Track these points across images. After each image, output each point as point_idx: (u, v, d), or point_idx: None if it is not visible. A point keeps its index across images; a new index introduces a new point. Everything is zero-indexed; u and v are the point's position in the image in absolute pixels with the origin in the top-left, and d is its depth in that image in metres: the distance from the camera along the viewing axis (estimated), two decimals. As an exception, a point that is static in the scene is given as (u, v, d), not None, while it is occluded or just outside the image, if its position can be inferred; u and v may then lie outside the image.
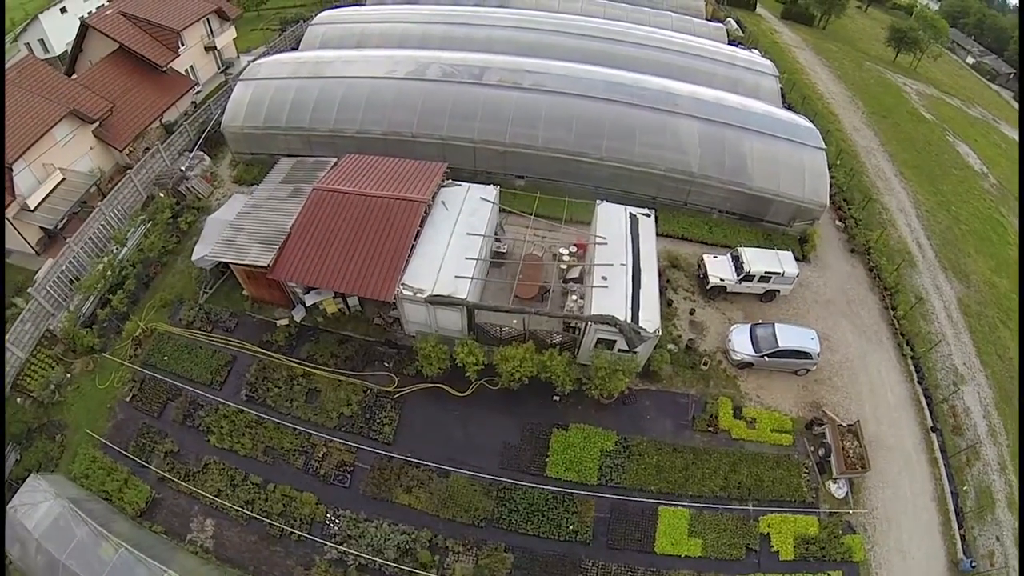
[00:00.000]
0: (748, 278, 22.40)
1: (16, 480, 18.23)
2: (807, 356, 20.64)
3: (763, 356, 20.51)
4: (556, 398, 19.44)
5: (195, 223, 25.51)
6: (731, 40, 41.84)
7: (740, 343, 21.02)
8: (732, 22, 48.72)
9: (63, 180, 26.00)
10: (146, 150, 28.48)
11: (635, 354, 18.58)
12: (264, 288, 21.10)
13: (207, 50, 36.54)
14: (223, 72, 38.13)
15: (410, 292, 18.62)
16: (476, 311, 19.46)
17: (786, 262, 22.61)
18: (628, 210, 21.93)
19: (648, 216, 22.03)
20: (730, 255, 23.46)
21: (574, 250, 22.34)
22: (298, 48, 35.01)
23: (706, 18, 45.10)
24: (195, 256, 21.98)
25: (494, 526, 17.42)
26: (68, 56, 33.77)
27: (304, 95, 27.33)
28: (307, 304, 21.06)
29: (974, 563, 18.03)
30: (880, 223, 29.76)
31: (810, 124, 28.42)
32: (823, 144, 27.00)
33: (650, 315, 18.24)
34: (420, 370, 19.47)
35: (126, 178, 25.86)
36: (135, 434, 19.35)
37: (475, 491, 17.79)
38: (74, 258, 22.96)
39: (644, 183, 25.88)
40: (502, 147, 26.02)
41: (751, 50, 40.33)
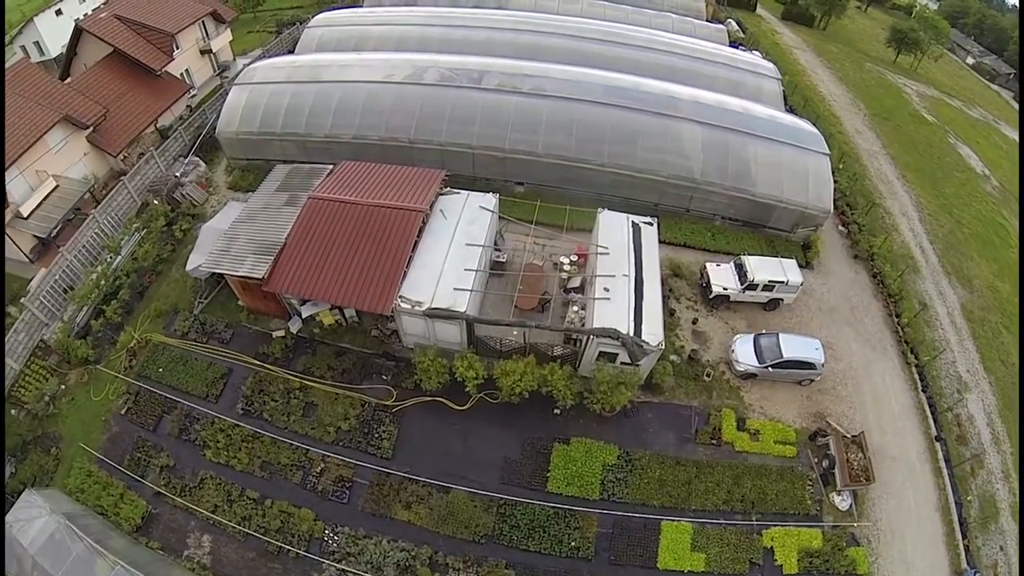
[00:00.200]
0: (752, 287, 22.14)
1: (11, 493, 17.90)
2: (811, 366, 20.41)
3: (767, 367, 20.27)
4: (556, 412, 19.19)
5: (190, 231, 25.15)
6: (732, 42, 41.45)
7: (744, 354, 20.79)
8: (733, 23, 48.31)
9: (56, 187, 25.64)
10: (140, 155, 28.10)
11: (637, 367, 18.32)
12: (260, 299, 20.80)
13: (203, 53, 36.13)
14: (219, 75, 37.69)
15: (408, 305, 18.31)
16: (476, 324, 19.15)
17: (790, 270, 22.34)
18: (630, 219, 21.58)
19: (651, 225, 21.66)
20: (733, 263, 23.15)
21: (575, 259, 22.05)
22: (294, 51, 34.59)
23: (706, 19, 44.65)
24: (190, 266, 21.68)
25: (495, 542, 17.20)
26: (63, 59, 33.33)
27: (300, 100, 26.95)
28: (303, 315, 20.75)
29: (978, 573, 17.91)
30: (883, 228, 29.54)
31: (813, 128, 28.10)
32: (827, 149, 26.72)
33: (653, 328, 17.96)
34: (419, 383, 19.19)
35: (120, 184, 25.49)
36: (130, 448, 19.09)
37: (475, 507, 17.54)
38: (68, 267, 22.61)
39: (646, 189, 25.56)
40: (501, 153, 25.67)
41: (752, 52, 39.99)
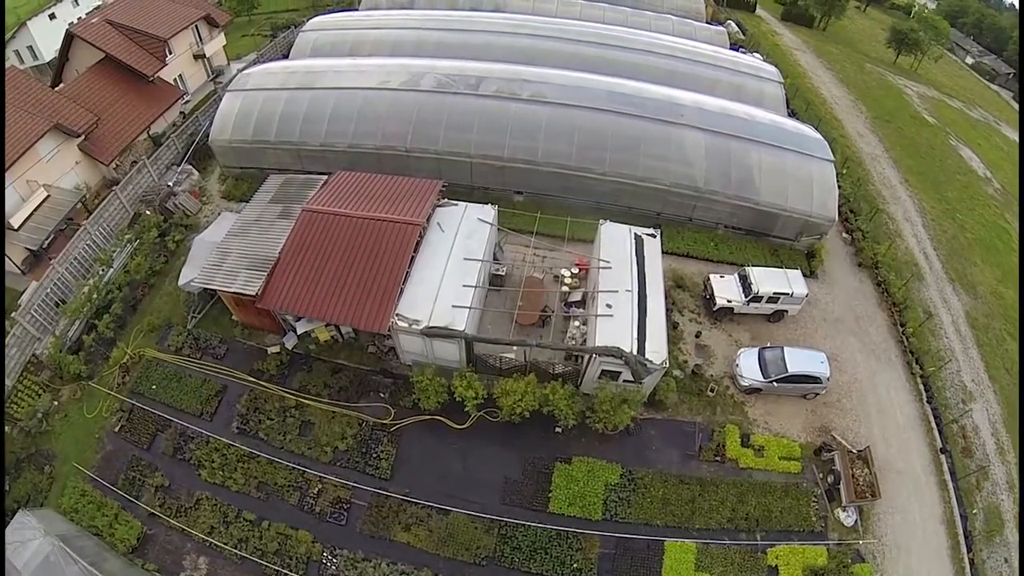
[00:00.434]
0: (756, 299, 21.76)
1: (6, 512, 17.51)
2: (817, 380, 20.08)
3: (771, 381, 19.94)
4: (558, 430, 18.82)
5: (183, 242, 24.70)
6: (733, 44, 40.95)
7: (748, 368, 20.44)
8: (733, 24, 47.82)
9: (47, 197, 25.16)
10: (133, 164, 27.63)
11: (640, 385, 17.95)
12: (254, 315, 20.38)
13: (196, 58, 35.53)
14: (213, 80, 37.12)
15: (405, 324, 17.87)
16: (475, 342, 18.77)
17: (795, 281, 21.95)
18: (633, 230, 21.11)
19: (654, 237, 21.18)
20: (737, 275, 22.75)
21: (576, 271, 21.64)
22: (289, 55, 34.05)
23: (706, 21, 44.15)
24: (182, 280, 21.21)
25: (496, 564, 16.88)
26: (55, 65, 32.81)
27: (294, 107, 26.46)
28: (299, 331, 20.31)
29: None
30: (887, 234, 29.19)
31: (817, 134, 27.67)
32: (831, 155, 26.33)
33: (657, 346, 17.57)
34: (417, 401, 18.83)
35: (112, 195, 25.03)
36: (125, 467, 18.75)
37: (476, 528, 17.20)
38: (59, 280, 22.22)
39: (649, 198, 25.14)
40: (500, 162, 25.20)
41: (753, 54, 39.60)
